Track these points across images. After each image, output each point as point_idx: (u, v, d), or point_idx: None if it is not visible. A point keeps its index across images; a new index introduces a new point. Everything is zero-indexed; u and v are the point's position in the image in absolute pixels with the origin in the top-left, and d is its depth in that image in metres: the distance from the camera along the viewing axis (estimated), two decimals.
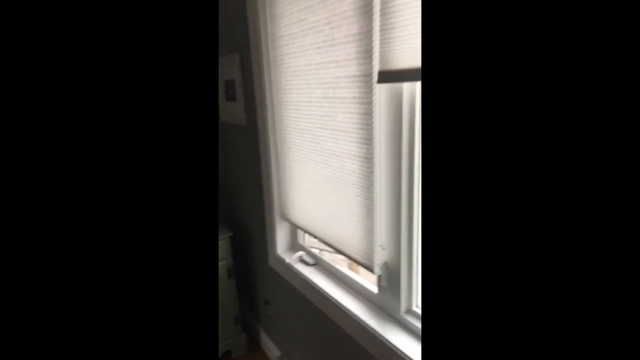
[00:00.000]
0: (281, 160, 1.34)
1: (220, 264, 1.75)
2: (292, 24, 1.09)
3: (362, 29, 0.83)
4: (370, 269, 0.99)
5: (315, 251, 1.43)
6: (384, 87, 0.86)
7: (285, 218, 1.42)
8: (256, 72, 1.33)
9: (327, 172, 1.08)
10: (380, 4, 0.78)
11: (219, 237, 1.72)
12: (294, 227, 1.50)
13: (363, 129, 0.89)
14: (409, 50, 0.73)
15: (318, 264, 1.38)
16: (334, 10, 0.91)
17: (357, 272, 1.25)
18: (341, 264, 1.29)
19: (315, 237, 1.24)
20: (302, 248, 1.48)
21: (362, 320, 1.03)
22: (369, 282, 1.15)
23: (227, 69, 1.61)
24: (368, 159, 0.89)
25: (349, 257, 1.07)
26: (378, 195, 0.92)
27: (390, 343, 0.92)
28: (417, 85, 0.81)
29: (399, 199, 0.89)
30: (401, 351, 0.89)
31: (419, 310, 0.96)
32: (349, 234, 1.04)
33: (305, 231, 1.30)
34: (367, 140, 0.88)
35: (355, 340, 1.09)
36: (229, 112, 1.69)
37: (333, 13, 0.92)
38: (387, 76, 0.79)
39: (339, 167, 1.01)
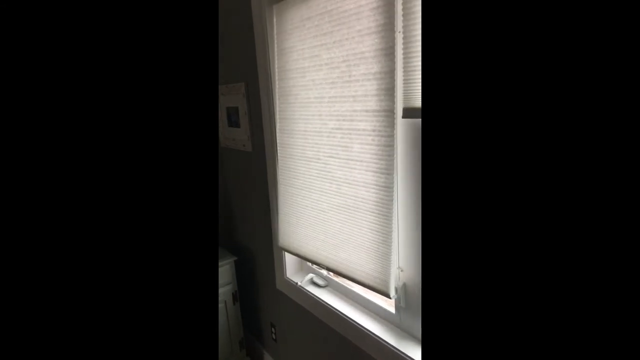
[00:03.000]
0: (282, 188, 1.35)
1: (225, 288, 1.72)
2: (302, 59, 1.15)
3: (383, 68, 0.91)
4: (386, 294, 1.02)
5: (325, 272, 1.43)
6: (404, 121, 0.93)
7: (284, 247, 1.41)
8: (264, 101, 1.36)
9: (337, 200, 1.11)
10: (402, 48, 0.87)
11: (224, 261, 1.69)
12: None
13: (383, 160, 0.94)
14: None
15: (329, 285, 1.38)
16: (352, 50, 0.98)
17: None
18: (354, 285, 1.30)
19: (319, 265, 1.25)
20: (311, 270, 1.48)
21: (382, 340, 1.05)
22: (384, 302, 1.17)
23: (231, 97, 1.62)
24: (387, 188, 0.95)
25: (361, 283, 1.09)
26: (396, 221, 0.97)
27: None
28: None
29: (417, 222, 0.95)
30: None
31: None
32: (362, 261, 1.07)
33: (308, 260, 1.30)
34: (387, 170, 0.94)
35: None
36: (231, 138, 1.70)
37: (350, 52, 0.99)
38: (412, 112, 0.86)
39: (352, 196, 1.05)
